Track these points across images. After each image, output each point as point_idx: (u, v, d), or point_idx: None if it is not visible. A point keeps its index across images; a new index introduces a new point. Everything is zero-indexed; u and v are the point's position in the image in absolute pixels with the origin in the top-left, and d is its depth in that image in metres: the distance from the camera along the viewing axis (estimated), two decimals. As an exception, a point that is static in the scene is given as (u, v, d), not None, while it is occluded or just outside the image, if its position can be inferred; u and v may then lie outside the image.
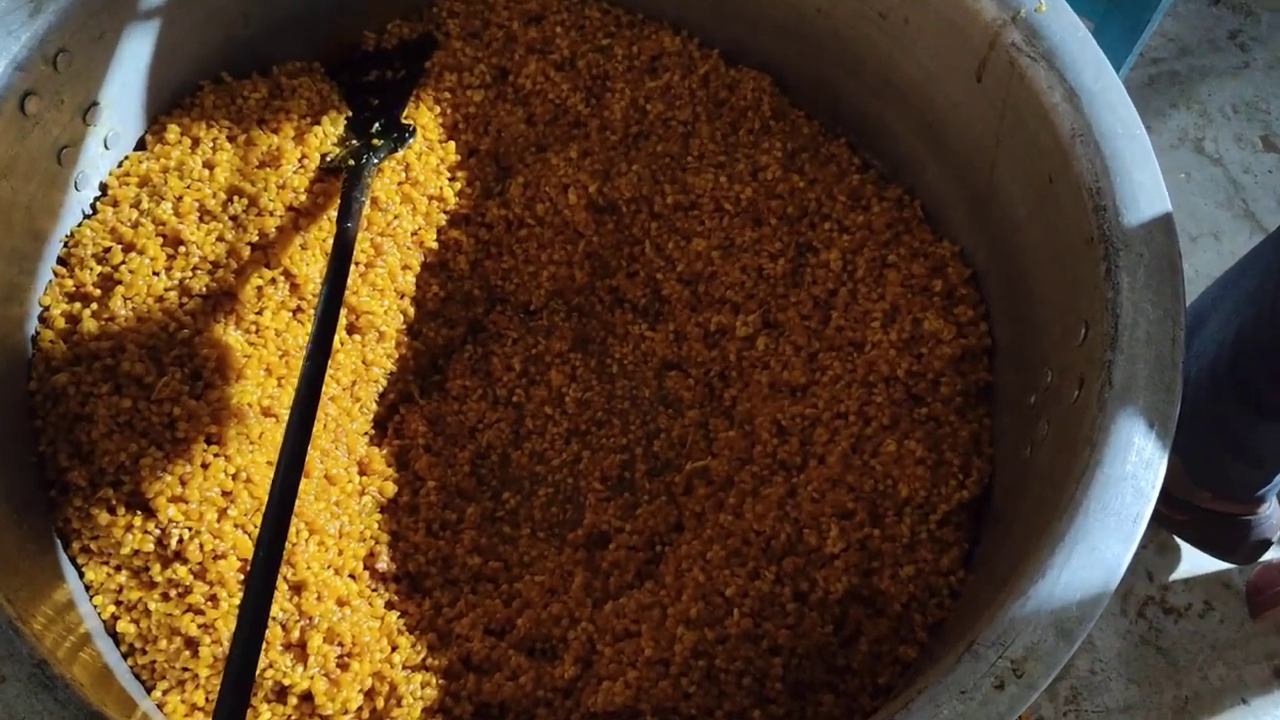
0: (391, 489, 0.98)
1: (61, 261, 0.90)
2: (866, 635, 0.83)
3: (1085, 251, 0.78)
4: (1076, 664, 1.30)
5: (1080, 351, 0.77)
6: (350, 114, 1.06)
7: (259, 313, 0.94)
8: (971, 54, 0.91)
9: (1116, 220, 0.77)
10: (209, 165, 0.96)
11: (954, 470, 0.89)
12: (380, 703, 0.84)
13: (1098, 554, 0.66)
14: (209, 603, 0.82)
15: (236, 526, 0.85)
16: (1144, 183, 0.79)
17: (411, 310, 1.04)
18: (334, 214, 0.99)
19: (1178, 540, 1.48)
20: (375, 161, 1.01)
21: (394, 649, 0.86)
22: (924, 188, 1.05)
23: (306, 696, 0.83)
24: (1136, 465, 0.69)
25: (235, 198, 0.95)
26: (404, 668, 0.86)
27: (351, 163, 1.00)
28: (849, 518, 0.87)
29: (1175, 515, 1.42)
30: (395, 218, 1.03)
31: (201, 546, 0.83)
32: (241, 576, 0.83)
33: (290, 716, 0.82)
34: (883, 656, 0.83)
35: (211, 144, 0.98)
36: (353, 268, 0.97)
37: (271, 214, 0.96)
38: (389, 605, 0.90)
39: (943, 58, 0.96)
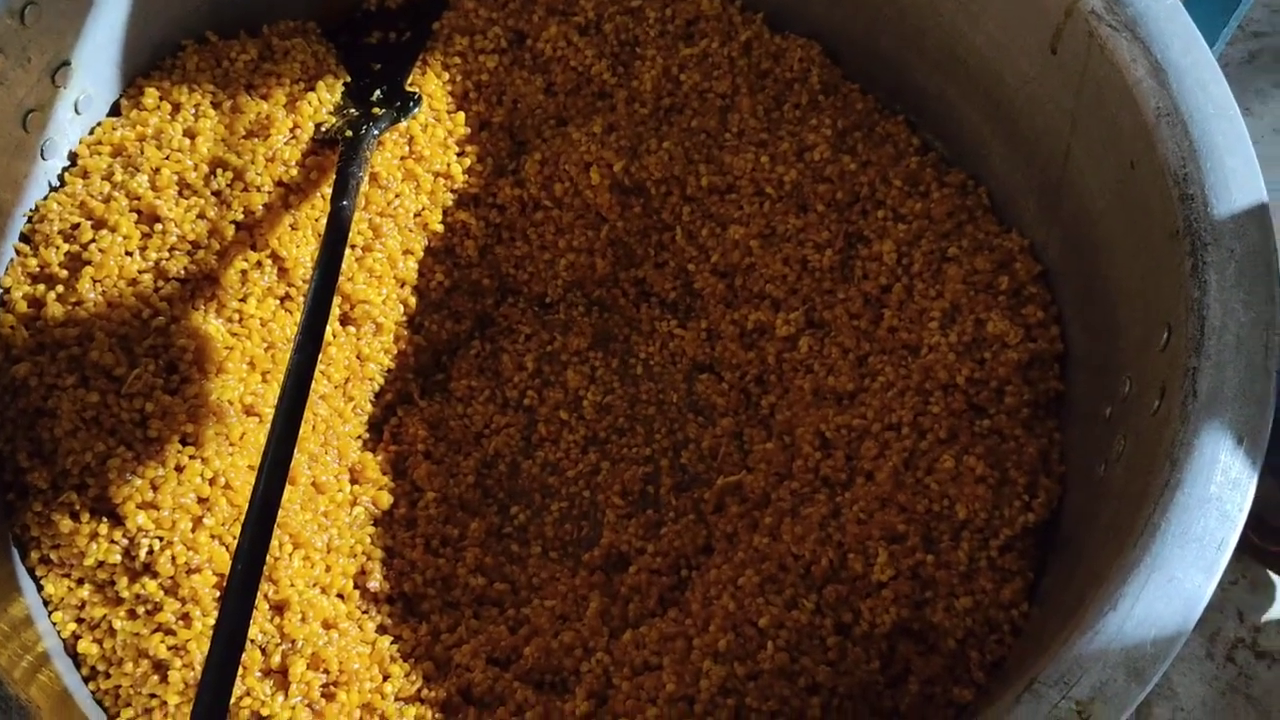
0: (386, 500, 0.99)
1: (24, 238, 0.91)
2: (916, 674, 0.83)
3: (1169, 246, 0.78)
4: (1155, 712, 1.29)
5: (1162, 357, 0.77)
6: (349, 80, 1.07)
7: (243, 300, 0.95)
8: (1045, 22, 0.91)
9: (1205, 211, 0.77)
10: (190, 134, 0.97)
11: (1019, 490, 0.88)
12: (369, 737, 0.85)
13: (1176, 584, 0.66)
14: (180, 622, 0.82)
15: (213, 537, 0.85)
16: (1237, 169, 0.78)
17: (413, 300, 1.05)
18: (328, 191, 0.99)
19: (1272, 576, 1.47)
20: (375, 133, 1.02)
21: (385, 678, 0.87)
22: (990, 173, 1.05)
23: (287, 729, 0.83)
24: (1222, 486, 0.68)
25: (219, 171, 0.96)
26: (396, 699, 0.86)
27: (349, 134, 1.00)
28: (899, 542, 0.87)
29: (1269, 546, 1.40)
30: (396, 196, 1.04)
31: (173, 559, 0.83)
32: (217, 593, 0.83)
33: (269, 750, 0.83)
34: (934, 699, 0.82)
35: (194, 110, 0.98)
36: (348, 251, 0.98)
37: (259, 190, 0.96)
38: (381, 629, 0.91)
39: (1013, 27, 0.96)
